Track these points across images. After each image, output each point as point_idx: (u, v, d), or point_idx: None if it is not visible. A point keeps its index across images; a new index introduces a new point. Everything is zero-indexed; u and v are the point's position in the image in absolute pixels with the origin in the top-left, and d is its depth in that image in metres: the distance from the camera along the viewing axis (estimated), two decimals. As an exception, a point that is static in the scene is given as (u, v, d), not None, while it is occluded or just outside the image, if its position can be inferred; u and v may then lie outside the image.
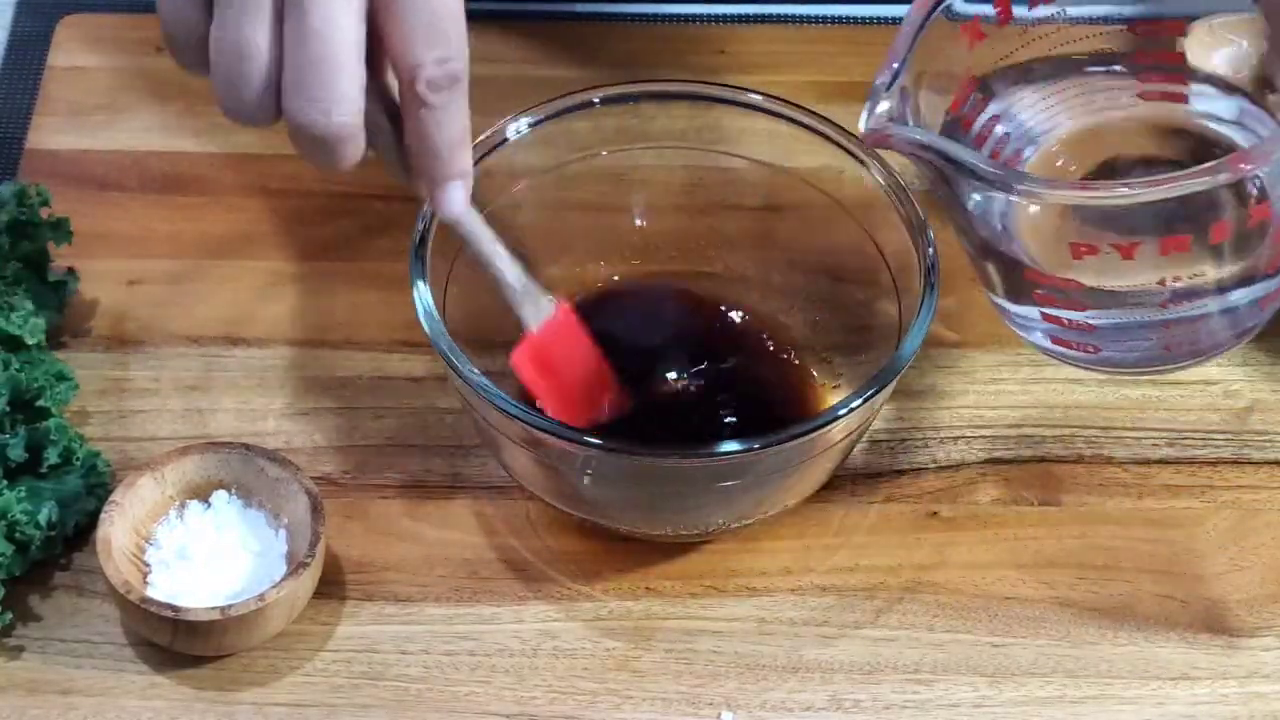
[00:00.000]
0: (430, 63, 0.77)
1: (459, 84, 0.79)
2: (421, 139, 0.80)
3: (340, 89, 0.76)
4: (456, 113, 0.79)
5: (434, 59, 0.77)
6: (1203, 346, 0.84)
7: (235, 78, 0.77)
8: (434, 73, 0.78)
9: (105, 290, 0.99)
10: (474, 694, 0.86)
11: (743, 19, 1.13)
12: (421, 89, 0.78)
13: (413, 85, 0.78)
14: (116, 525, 0.86)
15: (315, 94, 0.76)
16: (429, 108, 0.78)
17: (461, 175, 0.82)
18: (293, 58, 0.76)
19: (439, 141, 0.80)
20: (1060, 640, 0.88)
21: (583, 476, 0.86)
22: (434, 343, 0.85)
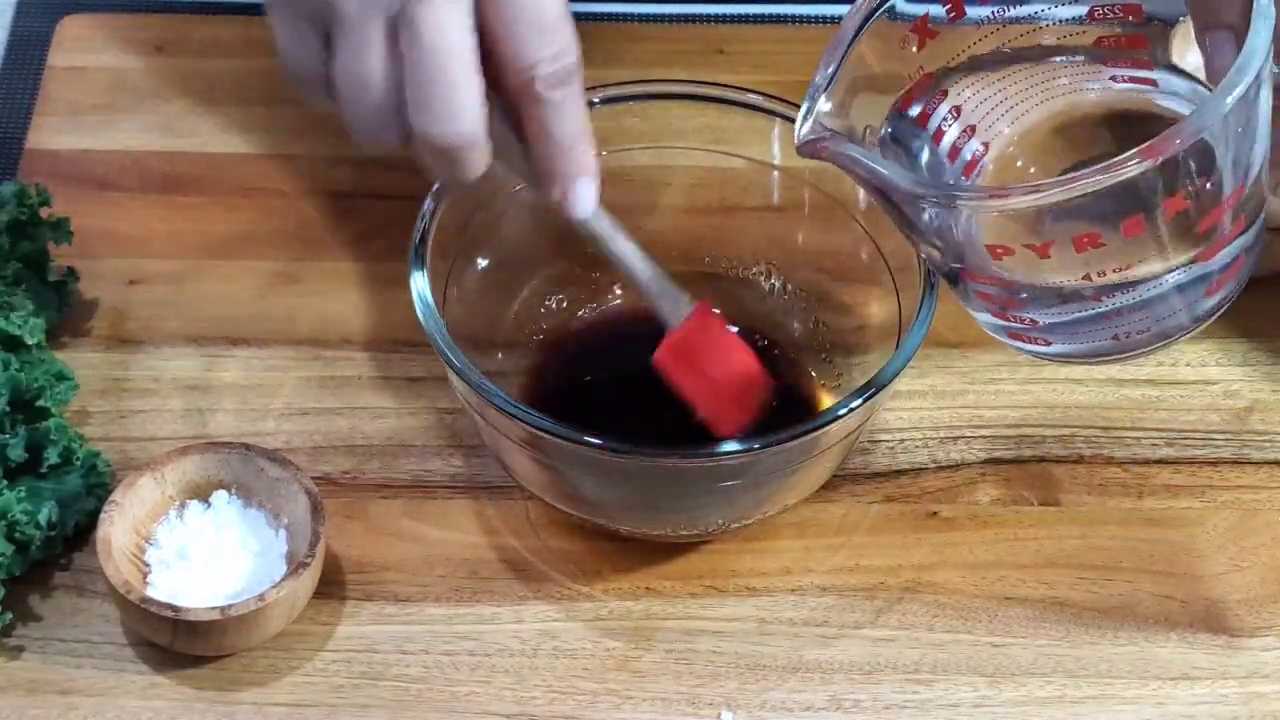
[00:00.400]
0: (545, 60, 0.79)
1: (575, 79, 0.80)
2: (545, 138, 0.81)
3: (460, 101, 0.78)
4: (576, 107, 0.81)
5: (548, 56, 0.79)
6: (1155, 334, 0.83)
7: (361, 104, 0.79)
8: (550, 70, 0.79)
9: (105, 290, 0.99)
10: (474, 694, 0.86)
11: (743, 19, 1.13)
12: (540, 88, 0.79)
13: (531, 85, 0.79)
14: (116, 525, 0.86)
15: (436, 109, 0.78)
16: (548, 105, 0.80)
17: (589, 171, 0.83)
18: (412, 75, 0.78)
19: (563, 138, 0.81)
20: (1060, 640, 0.88)
21: (583, 476, 0.86)
22: (434, 342, 0.85)
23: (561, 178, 0.82)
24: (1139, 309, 0.79)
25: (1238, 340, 0.98)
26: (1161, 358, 0.97)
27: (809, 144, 0.82)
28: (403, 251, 0.87)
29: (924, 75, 0.85)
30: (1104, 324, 0.80)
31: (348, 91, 0.79)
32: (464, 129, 0.78)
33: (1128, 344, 0.82)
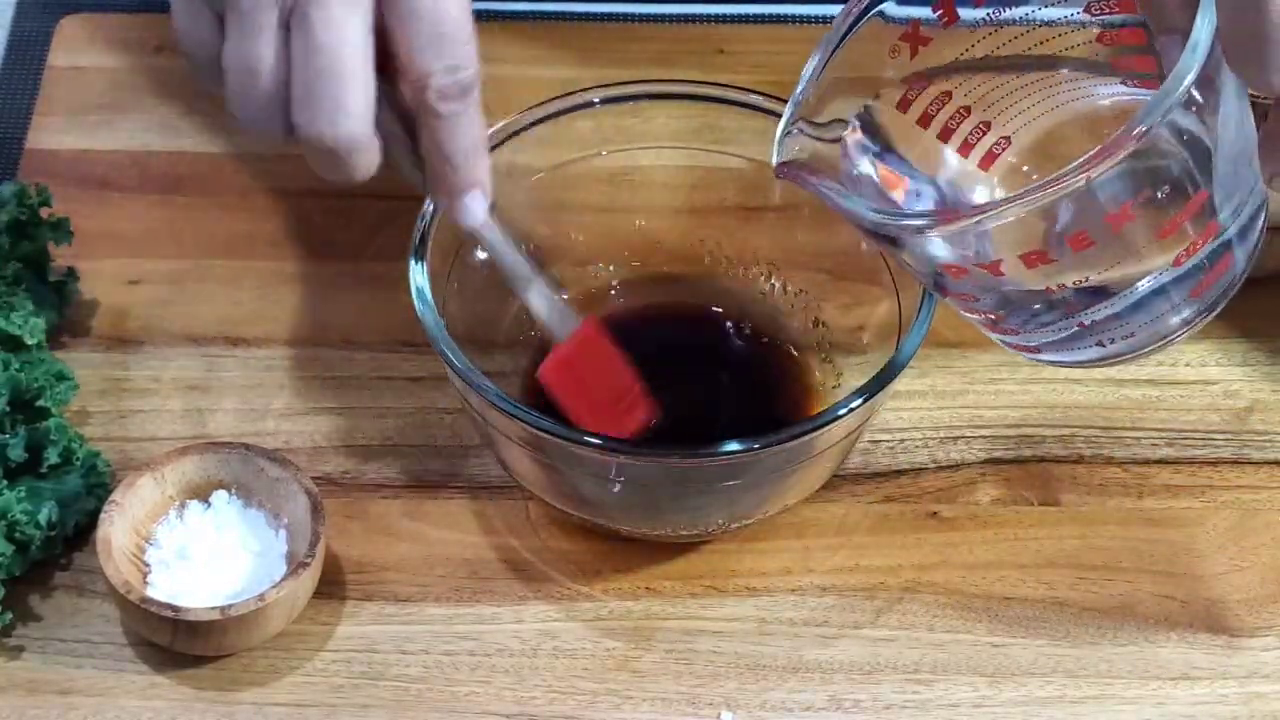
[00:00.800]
0: (440, 72, 0.77)
1: (470, 93, 0.79)
2: (436, 149, 0.80)
3: (347, 101, 0.76)
4: (469, 122, 0.79)
5: (443, 68, 0.77)
6: (1143, 339, 0.82)
7: (246, 93, 0.78)
8: (444, 82, 0.78)
9: (105, 290, 0.99)
10: (474, 694, 0.86)
11: (743, 19, 1.13)
12: (432, 99, 0.78)
13: (423, 95, 0.78)
14: (116, 525, 0.86)
15: (322, 106, 0.76)
16: (440, 117, 0.78)
17: (479, 185, 0.82)
18: (299, 71, 0.76)
19: (453, 151, 0.80)
20: (1060, 640, 0.88)
21: (583, 476, 0.86)
22: (434, 342, 0.85)
23: (451, 190, 0.81)
24: (1115, 318, 0.79)
25: (1238, 340, 0.98)
26: (1161, 358, 0.97)
27: (785, 167, 0.81)
28: (403, 251, 0.87)
29: (917, 77, 0.85)
30: (1084, 332, 0.80)
31: (234, 78, 0.77)
32: (346, 131, 0.77)
33: (1115, 350, 0.81)
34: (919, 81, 0.84)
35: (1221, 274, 0.78)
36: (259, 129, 0.79)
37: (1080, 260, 0.76)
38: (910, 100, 0.84)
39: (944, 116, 0.85)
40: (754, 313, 0.95)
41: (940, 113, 0.84)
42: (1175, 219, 0.76)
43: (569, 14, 1.12)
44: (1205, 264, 0.78)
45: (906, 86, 0.84)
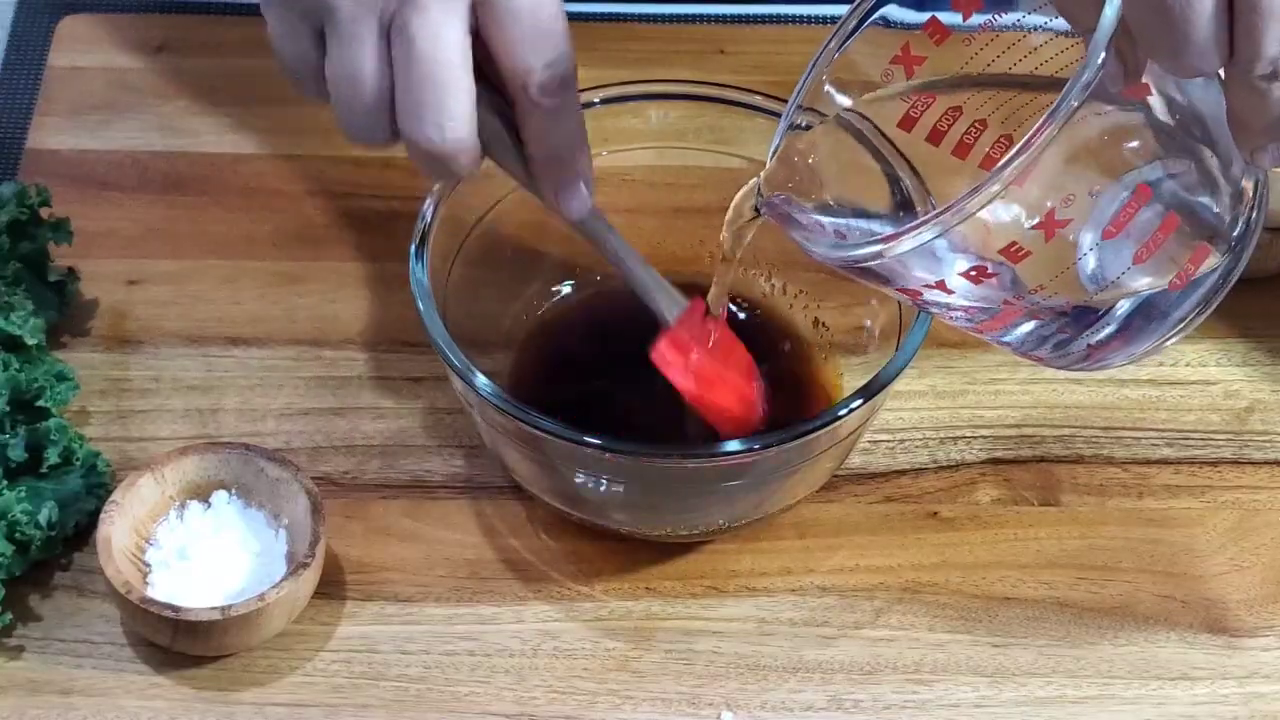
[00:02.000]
0: (540, 68, 0.79)
1: (570, 86, 0.80)
2: (540, 143, 0.81)
3: (451, 106, 0.78)
4: (571, 114, 0.81)
5: (543, 64, 0.79)
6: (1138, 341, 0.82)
7: (351, 104, 0.79)
8: (544, 77, 0.79)
9: (105, 290, 0.99)
10: (474, 694, 0.86)
11: (743, 19, 1.13)
12: (535, 94, 0.79)
13: (525, 92, 0.79)
14: (116, 525, 0.86)
15: (427, 113, 0.78)
16: (544, 112, 0.80)
17: (583, 175, 0.83)
18: (403, 79, 0.78)
19: (557, 144, 0.81)
20: (1060, 640, 0.88)
21: (583, 476, 0.86)
22: (434, 342, 0.85)
23: (556, 182, 0.83)
24: (1098, 325, 0.78)
25: (1238, 340, 0.98)
26: (1161, 358, 0.97)
27: (770, 210, 0.82)
28: (403, 251, 0.87)
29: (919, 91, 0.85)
30: (1072, 343, 0.80)
31: (339, 90, 0.79)
32: (452, 135, 0.79)
33: (1106, 356, 0.81)
34: (924, 96, 0.84)
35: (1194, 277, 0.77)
36: (365, 136, 0.80)
37: (1026, 270, 0.75)
38: (915, 117, 0.84)
39: (958, 132, 0.84)
40: (754, 313, 0.95)
41: (952, 129, 0.84)
42: (1117, 223, 0.75)
43: (569, 14, 1.12)
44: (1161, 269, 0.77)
45: (908, 104, 0.84)
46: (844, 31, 0.83)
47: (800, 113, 0.84)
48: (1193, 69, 0.70)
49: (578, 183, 0.83)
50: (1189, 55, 0.69)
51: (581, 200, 0.84)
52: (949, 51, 0.82)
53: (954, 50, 0.82)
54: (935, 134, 0.84)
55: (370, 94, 0.79)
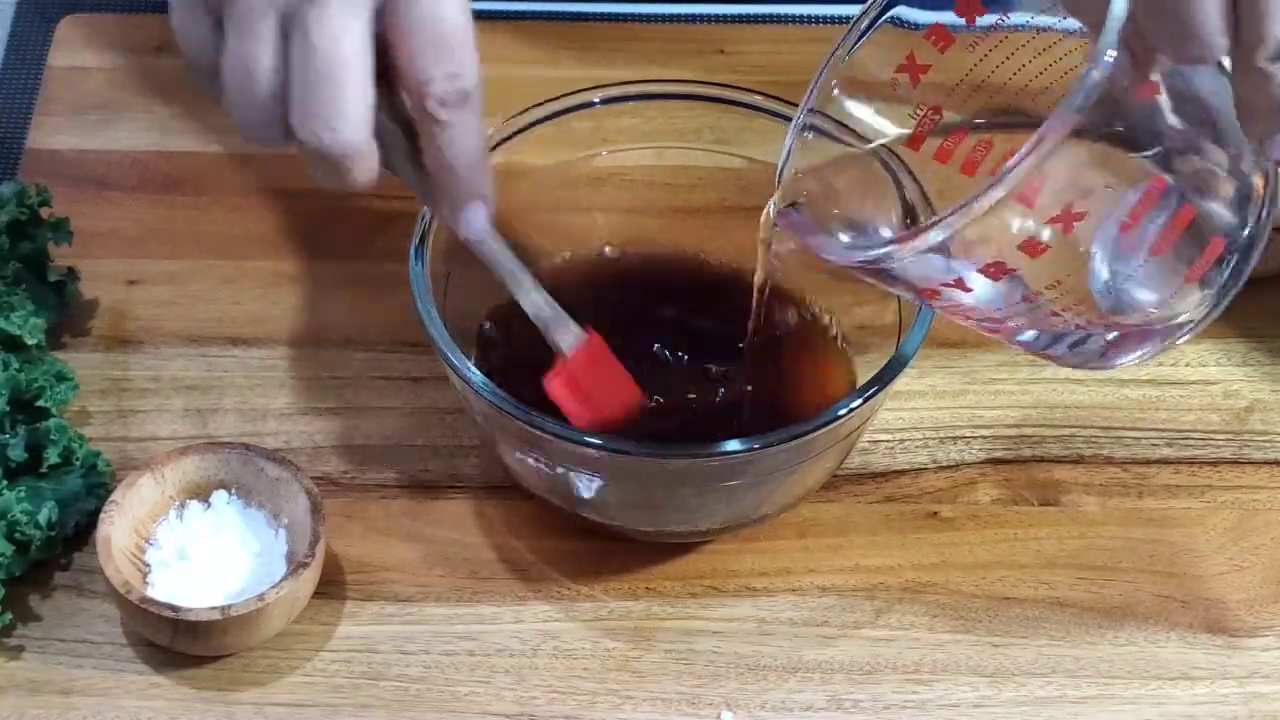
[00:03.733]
0: (440, 78, 0.77)
1: (470, 100, 0.78)
2: (436, 157, 0.79)
3: (345, 107, 0.76)
4: (470, 131, 0.79)
5: (443, 75, 0.77)
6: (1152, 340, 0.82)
7: (244, 98, 0.77)
8: (443, 89, 0.77)
9: (105, 290, 0.99)
10: (474, 694, 0.86)
11: (743, 19, 1.13)
12: (432, 106, 0.77)
13: (423, 102, 0.77)
14: (116, 525, 0.86)
15: (320, 112, 0.76)
16: (440, 125, 0.78)
17: (480, 195, 0.81)
18: (297, 76, 0.76)
19: (453, 160, 0.79)
20: (1060, 640, 0.88)
21: (583, 476, 0.86)
22: (433, 342, 0.85)
23: (452, 199, 0.81)
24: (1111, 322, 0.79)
25: (1238, 340, 0.98)
26: (1161, 358, 0.97)
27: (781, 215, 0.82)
28: (403, 251, 0.87)
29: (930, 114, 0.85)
30: (1090, 338, 0.80)
31: (232, 83, 0.77)
32: (345, 138, 0.76)
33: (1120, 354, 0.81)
34: (957, 132, 0.84)
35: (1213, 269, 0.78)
36: (257, 133, 0.78)
37: (1044, 267, 0.76)
38: (950, 150, 0.84)
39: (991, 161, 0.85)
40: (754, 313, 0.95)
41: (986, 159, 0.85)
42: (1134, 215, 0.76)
43: (569, 14, 1.12)
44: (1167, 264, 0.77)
45: (940, 140, 0.84)
46: (855, 33, 0.83)
47: (811, 115, 0.84)
48: (1199, 55, 0.70)
49: (474, 202, 0.81)
50: (1194, 41, 0.69)
51: (476, 221, 0.82)
52: (953, 58, 0.83)
53: (958, 57, 0.83)
54: (942, 152, 0.84)
55: (263, 89, 0.76)
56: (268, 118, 0.77)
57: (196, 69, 0.79)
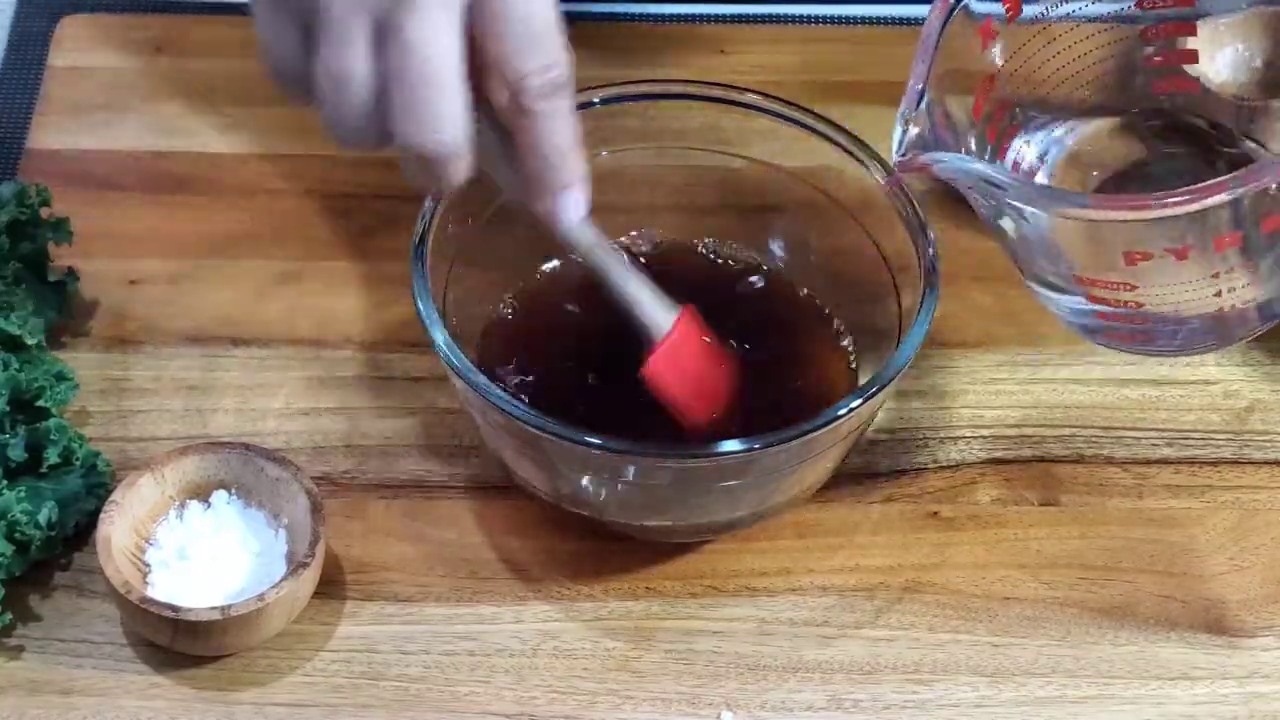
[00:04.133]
0: (534, 72, 0.78)
1: (564, 90, 0.79)
2: (533, 149, 0.80)
3: (444, 109, 0.77)
4: (565, 120, 0.80)
5: (538, 67, 0.78)
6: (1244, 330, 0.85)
7: (340, 106, 0.78)
8: (539, 81, 0.78)
9: (105, 290, 0.99)
10: (474, 694, 0.86)
11: (743, 19, 1.13)
12: (529, 99, 0.78)
13: (520, 96, 0.78)
14: (116, 525, 0.86)
15: (420, 116, 0.77)
16: (538, 117, 0.79)
17: (577, 182, 0.82)
18: (395, 81, 0.77)
19: (551, 150, 0.80)
20: (1060, 640, 0.88)
21: (583, 476, 0.86)
22: (434, 342, 0.85)
23: (549, 190, 0.82)
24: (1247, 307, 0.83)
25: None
26: (1161, 358, 0.97)
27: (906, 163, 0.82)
28: (403, 251, 0.87)
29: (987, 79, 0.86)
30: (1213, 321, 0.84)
31: (328, 92, 0.78)
32: (446, 138, 0.77)
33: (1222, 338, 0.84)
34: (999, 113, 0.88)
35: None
36: (354, 140, 0.79)
37: (1260, 246, 0.80)
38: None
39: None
40: (754, 313, 0.95)
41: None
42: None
43: (569, 14, 1.12)
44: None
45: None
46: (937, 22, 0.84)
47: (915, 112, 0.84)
48: None
49: (571, 192, 0.82)
50: None
51: (575, 210, 0.83)
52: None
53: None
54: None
55: (360, 95, 0.77)
56: (365, 122, 0.78)
57: (283, 77, 0.80)
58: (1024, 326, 0.98)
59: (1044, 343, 0.98)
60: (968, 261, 0.99)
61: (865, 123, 1.06)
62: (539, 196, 0.82)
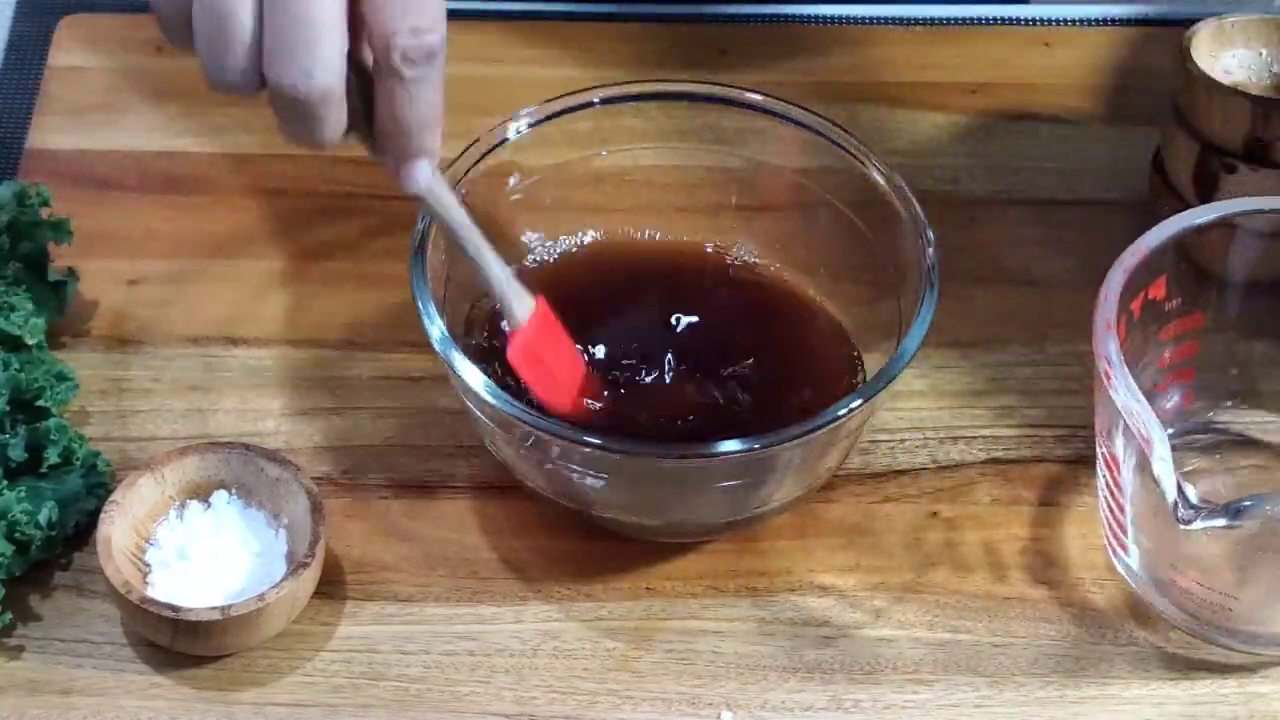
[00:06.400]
0: (405, 32, 0.76)
1: (435, 58, 0.77)
2: (391, 113, 0.78)
3: (321, 51, 0.75)
4: (430, 89, 0.78)
5: (409, 29, 0.76)
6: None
7: (217, 43, 0.76)
8: (409, 43, 0.76)
9: (105, 290, 0.99)
10: (474, 694, 0.86)
11: (743, 19, 1.13)
12: (396, 60, 0.76)
13: (387, 55, 0.76)
14: (116, 525, 0.86)
15: (296, 55, 0.75)
16: (402, 80, 0.77)
17: (428, 153, 0.80)
18: (273, 20, 0.75)
19: (409, 118, 0.78)
20: (1060, 640, 0.88)
21: (582, 476, 0.86)
22: (434, 342, 0.85)
23: (399, 154, 0.80)
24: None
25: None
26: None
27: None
28: (403, 251, 0.87)
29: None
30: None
31: (205, 27, 0.76)
32: (322, 81, 0.76)
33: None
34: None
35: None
36: (231, 84, 0.77)
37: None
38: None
39: None
40: (754, 313, 0.95)
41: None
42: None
43: (569, 14, 1.12)
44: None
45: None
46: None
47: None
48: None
49: (421, 159, 0.80)
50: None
51: (420, 176, 0.81)
52: None
53: None
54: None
55: (239, 36, 0.76)
56: (242, 64, 0.76)
57: (167, 22, 0.78)
58: (1024, 326, 0.98)
59: (1044, 343, 0.98)
60: (968, 261, 0.99)
61: (865, 123, 1.06)
62: (389, 159, 0.80)
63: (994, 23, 1.13)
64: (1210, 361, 0.92)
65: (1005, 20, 1.13)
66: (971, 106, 1.08)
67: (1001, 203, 1.04)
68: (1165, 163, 0.98)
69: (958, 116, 1.07)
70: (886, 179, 0.90)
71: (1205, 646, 0.87)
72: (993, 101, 1.08)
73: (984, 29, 1.13)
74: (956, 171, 1.05)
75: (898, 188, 0.90)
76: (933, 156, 1.05)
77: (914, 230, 0.89)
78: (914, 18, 1.13)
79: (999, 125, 1.07)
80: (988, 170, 1.05)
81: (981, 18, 1.13)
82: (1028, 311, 0.98)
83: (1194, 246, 0.89)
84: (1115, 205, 1.03)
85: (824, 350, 0.93)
